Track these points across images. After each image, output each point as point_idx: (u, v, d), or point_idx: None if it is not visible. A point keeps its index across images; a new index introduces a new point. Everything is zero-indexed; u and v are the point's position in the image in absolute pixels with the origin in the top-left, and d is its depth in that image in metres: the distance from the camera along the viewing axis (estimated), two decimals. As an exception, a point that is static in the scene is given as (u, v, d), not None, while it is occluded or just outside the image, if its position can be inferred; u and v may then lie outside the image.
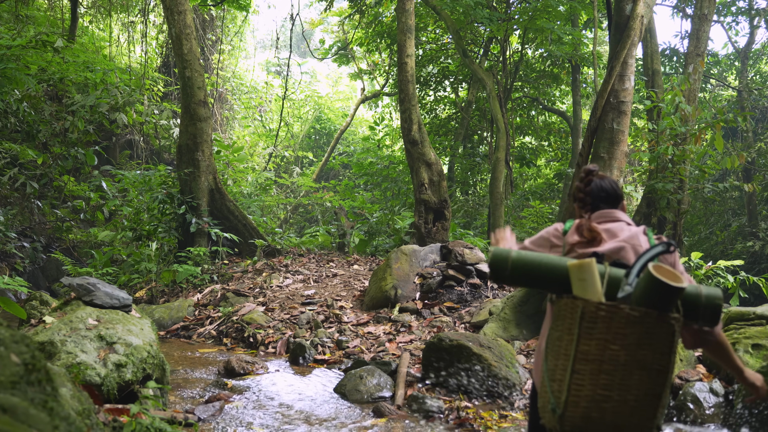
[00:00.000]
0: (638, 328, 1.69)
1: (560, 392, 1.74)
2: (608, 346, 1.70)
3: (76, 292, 3.68)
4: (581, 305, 1.73)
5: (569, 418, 1.72)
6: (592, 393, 1.69)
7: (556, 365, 1.78)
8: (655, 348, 1.70)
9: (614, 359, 1.69)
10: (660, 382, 1.70)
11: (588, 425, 1.71)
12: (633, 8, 7.60)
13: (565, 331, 1.77)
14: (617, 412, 1.69)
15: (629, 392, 1.69)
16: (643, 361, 1.69)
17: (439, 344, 4.19)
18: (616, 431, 1.70)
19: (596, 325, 1.71)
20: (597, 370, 1.69)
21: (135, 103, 11.64)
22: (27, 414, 1.28)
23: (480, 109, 17.07)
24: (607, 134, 7.71)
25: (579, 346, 1.72)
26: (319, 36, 25.90)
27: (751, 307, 4.05)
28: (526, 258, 1.90)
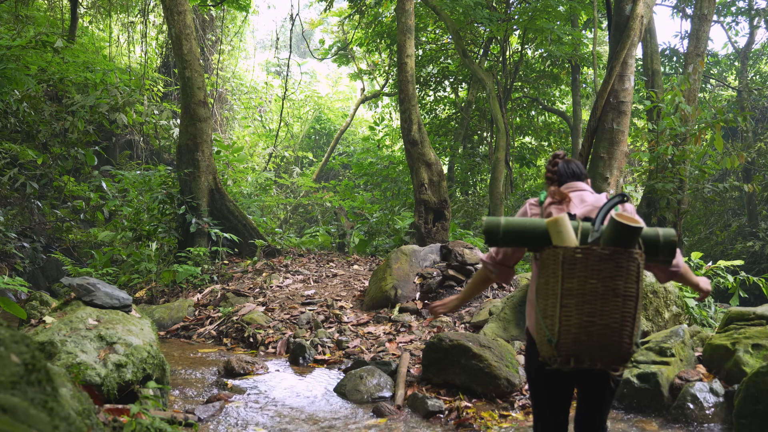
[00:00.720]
0: (610, 264, 2.06)
1: (553, 325, 2.08)
2: (587, 281, 2.06)
3: (76, 292, 3.68)
4: (561, 251, 2.09)
5: (563, 345, 2.06)
6: (579, 321, 2.05)
7: (546, 305, 2.13)
8: (625, 279, 2.06)
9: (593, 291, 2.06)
10: (632, 306, 2.07)
11: (579, 348, 2.05)
12: (633, 8, 7.61)
13: (551, 276, 2.12)
14: (602, 334, 2.04)
15: (609, 317, 2.04)
16: (617, 290, 2.05)
17: (439, 344, 4.19)
18: (602, 350, 2.04)
19: (575, 266, 2.07)
20: (581, 302, 2.05)
21: (135, 103, 11.64)
22: (27, 414, 1.28)
23: (480, 109, 17.08)
24: (607, 134, 7.71)
25: (564, 284, 2.07)
26: (319, 36, 25.90)
27: (751, 307, 4.05)
28: (513, 222, 2.26)
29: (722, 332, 3.95)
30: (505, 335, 5.26)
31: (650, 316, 4.87)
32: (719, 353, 3.73)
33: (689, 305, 5.39)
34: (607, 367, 2.14)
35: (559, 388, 2.39)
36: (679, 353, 3.76)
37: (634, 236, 2.09)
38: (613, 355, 2.08)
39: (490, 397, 3.90)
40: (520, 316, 5.42)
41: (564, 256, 2.09)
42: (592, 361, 2.10)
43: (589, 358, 2.08)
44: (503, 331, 5.32)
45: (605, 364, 2.11)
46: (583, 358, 2.09)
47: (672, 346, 3.74)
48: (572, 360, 2.10)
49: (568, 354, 2.08)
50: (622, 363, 2.12)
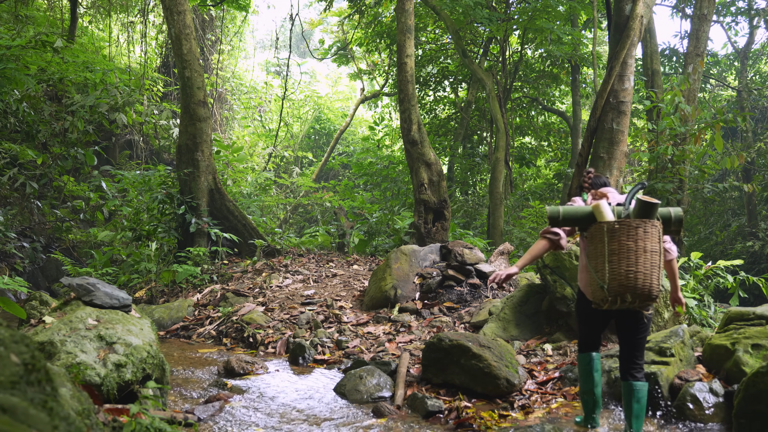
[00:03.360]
0: (639, 230, 3.02)
1: (604, 276, 3.02)
2: (625, 243, 3.01)
3: (76, 292, 3.68)
4: (605, 224, 3.07)
5: (612, 288, 3.00)
6: (623, 270, 2.98)
7: (596, 263, 3.09)
8: (651, 240, 3.01)
9: (630, 249, 3.00)
10: (657, 258, 3.02)
11: (623, 290, 2.98)
12: (632, 8, 7.61)
13: (598, 243, 3.08)
14: (638, 279, 2.97)
15: (643, 266, 2.98)
16: (645, 248, 3.00)
17: (439, 344, 4.19)
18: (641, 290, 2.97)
19: (615, 233, 3.03)
20: (623, 258, 2.99)
21: (135, 103, 11.64)
22: (27, 414, 1.28)
23: (480, 109, 17.07)
24: (607, 134, 7.71)
25: (609, 247, 3.03)
26: (319, 36, 25.89)
27: (751, 307, 4.05)
28: (569, 210, 3.27)
29: (722, 332, 3.95)
30: (505, 335, 5.26)
31: (650, 316, 4.88)
32: (719, 353, 3.73)
33: (689, 305, 5.39)
34: (641, 306, 3.07)
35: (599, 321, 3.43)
36: (678, 353, 3.76)
37: (654, 210, 3.08)
38: (645, 294, 2.99)
39: (489, 397, 3.90)
40: (520, 316, 5.43)
41: (607, 227, 3.06)
42: (633, 300, 3.00)
43: (630, 297, 2.99)
44: (503, 331, 5.32)
45: (640, 303, 3.02)
46: (626, 298, 3.00)
47: (672, 346, 3.74)
48: (618, 299, 3.01)
49: (616, 294, 3.00)
50: (652, 301, 3.04)
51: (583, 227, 3.29)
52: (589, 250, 3.17)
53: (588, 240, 3.20)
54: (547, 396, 3.92)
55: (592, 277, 3.10)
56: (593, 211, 3.18)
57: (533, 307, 5.47)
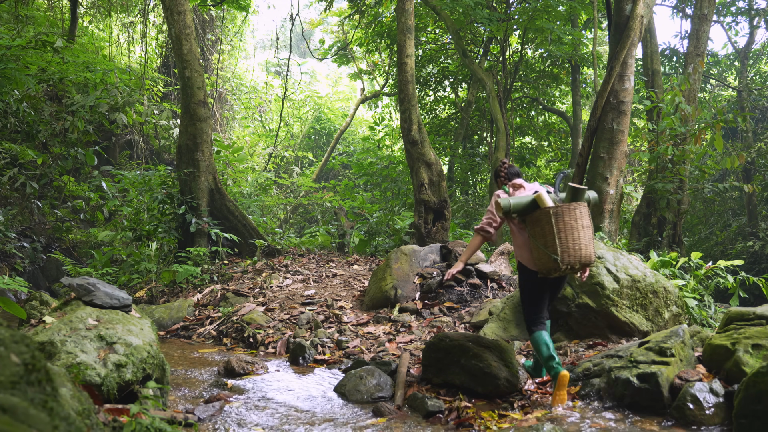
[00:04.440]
0: (577, 211, 3.79)
1: (555, 250, 3.73)
2: (569, 222, 3.77)
3: (76, 292, 3.68)
4: (551, 209, 3.78)
5: (564, 259, 3.72)
6: (569, 244, 3.74)
7: (546, 241, 3.78)
8: (585, 218, 3.81)
9: (573, 227, 3.77)
10: (591, 233, 3.85)
11: (573, 259, 3.73)
12: (633, 8, 7.61)
13: (546, 224, 3.79)
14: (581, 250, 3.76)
15: (584, 240, 3.77)
16: (583, 224, 3.79)
17: (439, 344, 4.19)
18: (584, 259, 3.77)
19: (560, 215, 3.78)
20: (569, 234, 3.75)
21: (135, 103, 11.64)
22: (27, 414, 1.28)
23: (480, 109, 17.07)
24: (607, 134, 7.71)
25: (557, 227, 3.76)
26: (319, 36, 25.90)
27: (751, 307, 4.04)
28: (517, 202, 3.91)
29: (722, 332, 3.95)
30: (505, 335, 5.26)
31: (650, 316, 4.88)
32: (719, 353, 3.72)
33: (689, 305, 5.39)
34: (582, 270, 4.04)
35: (543, 290, 4.07)
36: (679, 353, 3.76)
37: (583, 194, 3.93)
38: (587, 262, 3.82)
39: (489, 397, 3.90)
40: (520, 316, 5.42)
41: (553, 211, 3.79)
42: (579, 267, 3.81)
43: (577, 265, 3.79)
44: (503, 331, 5.31)
45: (581, 269, 3.87)
46: (575, 266, 3.78)
47: (672, 346, 3.74)
48: (569, 267, 3.77)
49: (569, 264, 3.75)
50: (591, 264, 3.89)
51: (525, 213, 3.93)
52: (534, 231, 3.87)
53: (531, 224, 3.89)
54: (547, 396, 3.92)
55: (541, 251, 3.81)
56: (536, 199, 3.89)
57: (533, 307, 5.47)
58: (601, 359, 4.12)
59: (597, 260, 5.05)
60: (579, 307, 4.90)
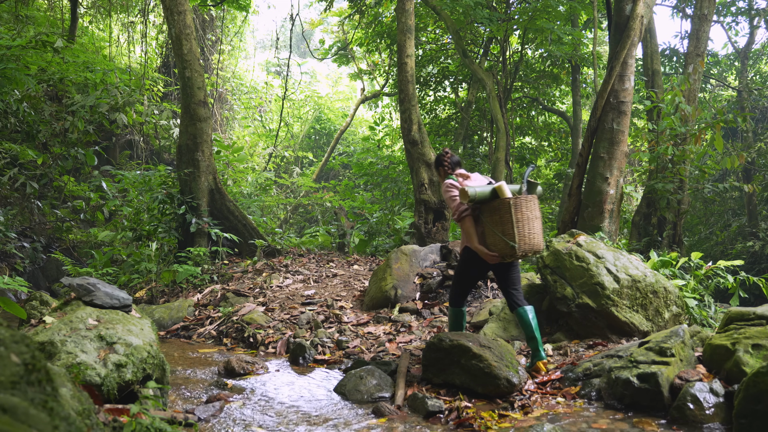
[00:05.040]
0: (531, 204, 4.21)
1: (513, 237, 4.12)
2: (524, 212, 4.15)
3: (76, 292, 3.68)
4: (512, 199, 4.16)
5: (521, 246, 4.13)
6: (526, 232, 4.15)
7: (504, 229, 4.16)
8: (536, 209, 4.23)
9: (528, 217, 4.16)
10: (541, 223, 4.25)
11: (529, 246, 4.16)
12: (633, 8, 7.61)
13: (505, 213, 4.16)
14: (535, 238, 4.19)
15: (537, 229, 4.20)
16: (536, 215, 4.22)
17: (439, 344, 4.19)
18: (537, 246, 4.21)
19: (519, 206, 4.15)
20: (525, 223, 4.14)
21: (135, 103, 11.64)
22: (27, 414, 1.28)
23: (480, 109, 17.07)
24: (607, 134, 7.70)
25: (516, 216, 4.14)
26: (319, 36, 25.91)
27: (751, 307, 4.04)
28: (480, 192, 4.25)
29: (722, 332, 3.95)
30: (505, 335, 5.26)
31: (650, 316, 4.87)
32: (719, 353, 3.72)
33: (689, 305, 5.39)
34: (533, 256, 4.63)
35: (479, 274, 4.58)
36: (679, 353, 3.76)
37: (536, 188, 4.49)
38: (539, 249, 4.26)
39: (490, 397, 3.90)
40: (520, 316, 5.43)
41: (512, 202, 4.16)
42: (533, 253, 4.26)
43: (531, 252, 4.22)
44: (503, 331, 5.31)
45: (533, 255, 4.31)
46: (528, 252, 4.21)
47: (672, 346, 3.74)
48: (524, 253, 4.19)
49: (524, 251, 4.17)
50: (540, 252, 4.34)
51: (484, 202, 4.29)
52: (492, 219, 4.25)
53: (489, 212, 4.27)
54: (548, 396, 3.92)
55: (497, 238, 4.20)
56: (496, 190, 4.26)
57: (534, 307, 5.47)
58: (601, 359, 4.12)
59: (597, 260, 5.05)
60: (579, 307, 4.90)
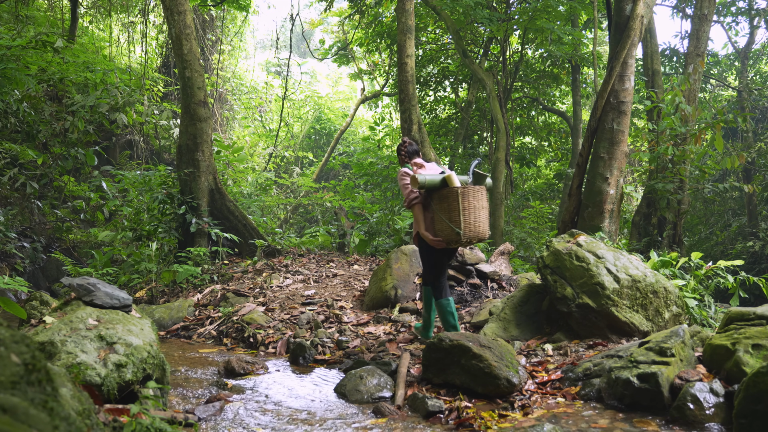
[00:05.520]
0: (478, 193, 4.53)
1: (459, 225, 4.44)
2: (471, 201, 4.45)
3: (76, 292, 3.68)
4: (460, 189, 4.48)
5: (466, 234, 4.46)
6: (471, 221, 4.45)
7: (451, 216, 4.47)
8: (483, 199, 4.53)
9: (475, 206, 4.47)
10: (487, 212, 4.59)
11: (473, 234, 4.48)
12: (633, 8, 7.61)
13: (452, 202, 4.46)
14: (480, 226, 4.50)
15: (482, 218, 4.52)
16: (482, 205, 4.52)
17: (440, 344, 4.19)
18: (482, 235, 4.53)
19: (466, 195, 4.46)
20: (471, 212, 4.44)
21: (135, 103, 11.64)
22: (27, 414, 1.28)
23: (480, 110, 17.07)
24: (607, 134, 7.70)
25: (462, 205, 4.44)
26: (319, 36, 25.90)
27: (751, 307, 4.04)
28: (430, 180, 4.57)
29: (722, 332, 3.95)
30: (505, 335, 5.26)
31: (650, 316, 4.87)
32: (719, 353, 3.72)
33: (689, 305, 5.39)
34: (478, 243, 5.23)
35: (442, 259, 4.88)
36: (679, 353, 3.76)
37: (484, 179, 4.71)
38: (483, 237, 4.59)
39: (490, 397, 3.90)
40: (520, 316, 5.43)
41: (460, 191, 4.48)
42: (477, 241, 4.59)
43: (475, 240, 4.56)
44: (503, 331, 5.32)
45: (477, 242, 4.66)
46: (473, 239, 4.55)
47: (672, 346, 3.74)
48: (469, 240, 4.52)
49: (469, 238, 4.51)
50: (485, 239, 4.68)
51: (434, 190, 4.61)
52: (441, 206, 4.57)
53: (439, 200, 4.59)
54: (548, 396, 3.92)
55: (445, 225, 4.52)
56: (446, 179, 4.55)
57: (534, 308, 5.47)
58: (601, 359, 4.12)
59: (597, 260, 5.05)
60: (579, 307, 4.90)
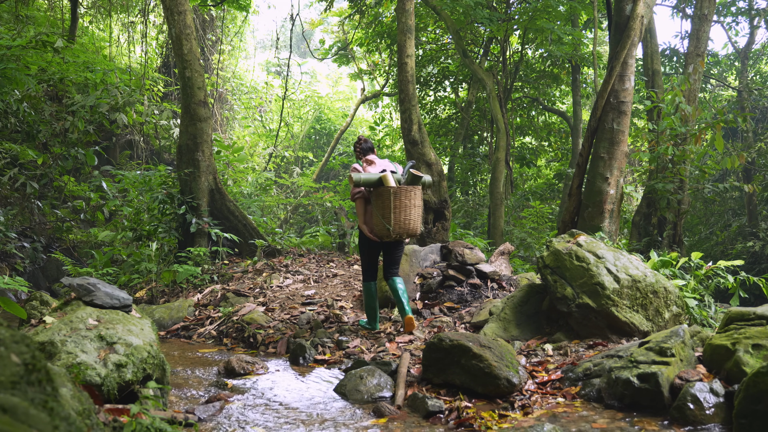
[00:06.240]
0: (410, 193, 5.12)
1: (389, 221, 5.05)
2: (403, 200, 5.06)
3: (77, 292, 3.68)
4: (392, 189, 5.07)
5: (395, 229, 5.09)
6: (401, 218, 5.08)
7: (384, 213, 5.07)
8: (417, 199, 5.17)
9: (406, 205, 5.07)
10: (420, 212, 5.23)
11: (402, 230, 5.11)
12: (633, 8, 7.61)
13: (386, 200, 5.05)
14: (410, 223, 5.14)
15: (413, 216, 5.14)
16: (414, 204, 5.15)
17: (440, 344, 4.18)
18: (411, 231, 5.18)
19: (398, 195, 5.07)
20: (401, 210, 5.05)
21: (135, 103, 11.64)
22: (27, 414, 1.28)
23: (480, 110, 17.07)
24: (607, 134, 7.70)
25: (394, 203, 5.03)
26: (319, 36, 25.91)
27: (752, 308, 4.04)
28: (367, 178, 5.12)
29: (722, 332, 3.95)
30: (506, 335, 5.26)
31: (650, 316, 4.87)
32: (719, 353, 3.72)
33: (689, 305, 5.39)
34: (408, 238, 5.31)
35: (376, 251, 5.51)
36: (679, 353, 3.76)
37: (419, 180, 5.18)
38: (413, 233, 5.19)
39: (490, 397, 3.90)
40: (521, 316, 5.43)
41: (393, 191, 5.03)
42: (406, 236, 5.18)
43: (405, 235, 5.15)
44: (503, 332, 5.32)
45: (407, 237, 5.21)
46: (402, 235, 5.15)
47: (672, 346, 3.74)
48: (398, 235, 5.12)
49: (398, 234, 5.10)
50: (416, 236, 5.31)
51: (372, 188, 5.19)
52: (377, 203, 5.12)
53: (376, 197, 5.13)
54: (548, 396, 3.92)
55: (378, 220, 5.10)
56: (382, 178, 5.08)
57: (534, 307, 5.47)
58: (601, 359, 4.12)
59: (597, 260, 5.05)
60: (579, 307, 4.90)
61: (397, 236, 5.11)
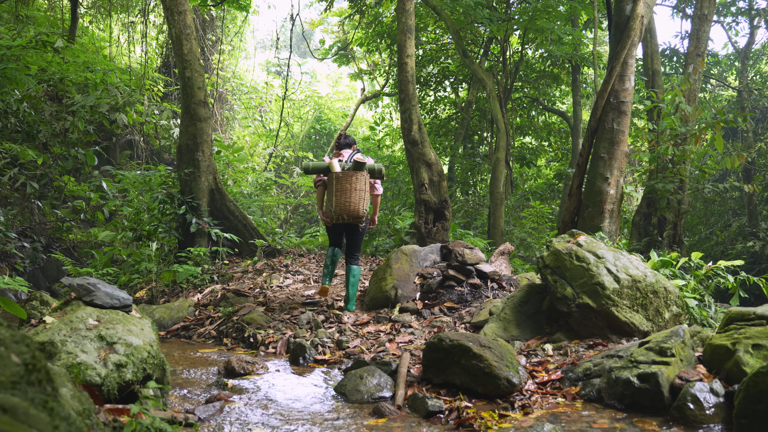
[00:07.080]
0: (353, 177, 5.87)
1: (332, 203, 5.88)
2: (344, 184, 5.84)
3: (77, 292, 3.68)
4: (334, 174, 5.91)
5: (336, 211, 5.87)
6: (342, 201, 5.84)
7: (329, 196, 5.96)
8: (359, 183, 5.88)
9: (347, 188, 5.84)
10: (363, 194, 5.91)
11: (342, 211, 5.86)
12: (633, 8, 7.61)
13: (330, 184, 5.95)
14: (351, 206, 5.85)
15: (354, 199, 5.86)
16: (356, 188, 5.86)
17: (440, 344, 4.18)
18: (353, 213, 5.88)
19: (340, 179, 5.87)
20: (342, 193, 5.84)
21: (135, 103, 11.64)
22: (27, 414, 1.28)
23: (480, 110, 17.07)
24: (607, 134, 7.70)
25: (335, 187, 5.87)
26: (319, 36, 25.91)
27: (752, 307, 4.04)
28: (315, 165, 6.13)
29: (722, 332, 3.95)
30: (506, 335, 5.26)
31: (650, 316, 4.87)
32: (719, 353, 3.72)
33: (689, 305, 5.39)
34: (353, 221, 5.95)
35: (333, 234, 6.42)
36: (679, 353, 3.76)
37: (362, 166, 5.89)
38: (355, 215, 5.85)
39: (490, 397, 3.90)
40: (521, 316, 5.43)
41: (335, 175, 5.82)
42: (348, 218, 5.86)
43: (346, 217, 5.84)
44: (503, 331, 5.32)
45: (352, 220, 5.91)
46: (344, 217, 5.84)
47: (672, 346, 3.74)
48: (340, 217, 5.85)
49: (339, 214, 5.83)
50: (359, 219, 5.93)
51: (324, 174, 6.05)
52: (328, 188, 5.90)
53: (328, 182, 5.91)
54: (548, 396, 3.92)
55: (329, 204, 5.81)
56: (329, 165, 5.86)
57: (534, 308, 5.47)
58: (601, 359, 4.12)
59: (597, 260, 5.05)
60: (579, 307, 4.90)
61: (339, 218, 5.83)
